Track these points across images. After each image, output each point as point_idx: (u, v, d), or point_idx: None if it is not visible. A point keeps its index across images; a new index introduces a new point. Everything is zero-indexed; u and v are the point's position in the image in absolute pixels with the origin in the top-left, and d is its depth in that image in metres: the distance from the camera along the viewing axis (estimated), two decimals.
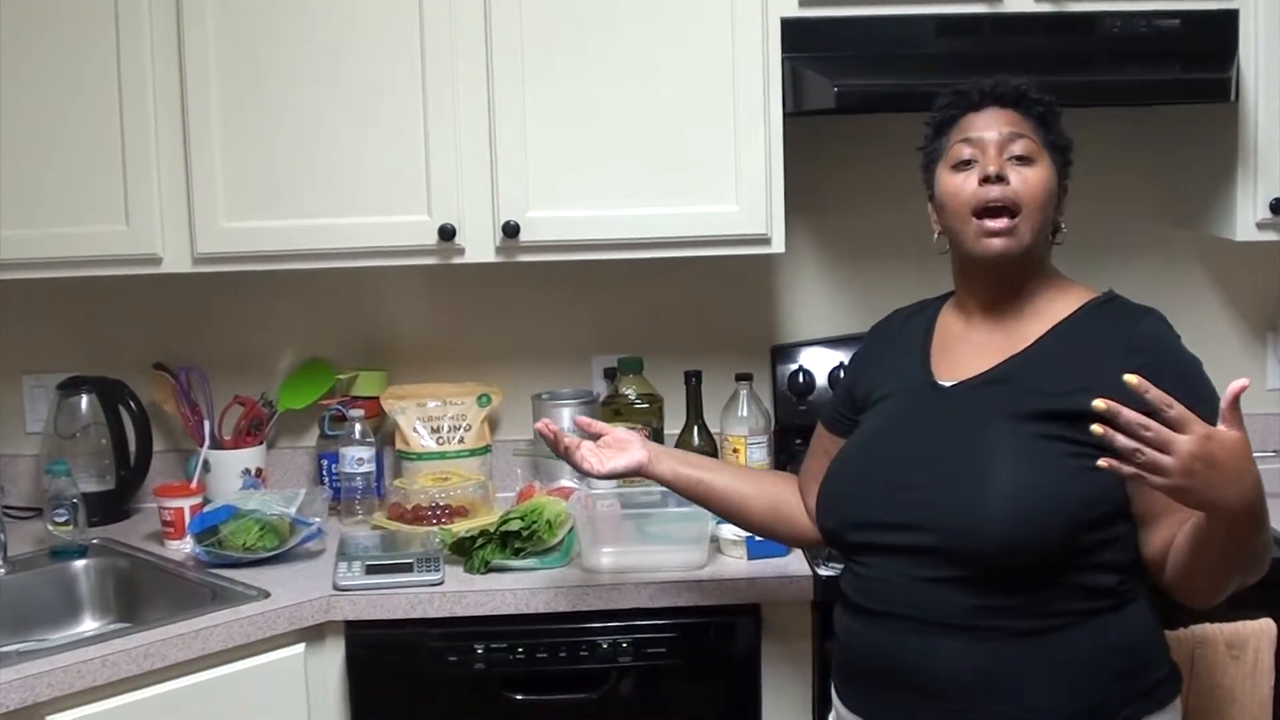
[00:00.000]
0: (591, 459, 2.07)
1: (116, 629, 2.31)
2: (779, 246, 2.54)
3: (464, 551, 2.40)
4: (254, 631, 2.21)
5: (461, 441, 2.78)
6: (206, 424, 2.74)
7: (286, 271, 2.62)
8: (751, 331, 2.90)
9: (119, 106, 2.46)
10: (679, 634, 2.31)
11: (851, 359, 2.19)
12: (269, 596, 2.28)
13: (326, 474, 2.79)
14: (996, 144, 1.84)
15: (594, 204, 2.51)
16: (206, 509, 2.51)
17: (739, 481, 2.15)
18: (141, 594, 2.47)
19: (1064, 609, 1.75)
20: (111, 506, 2.75)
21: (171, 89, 2.47)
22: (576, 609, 2.30)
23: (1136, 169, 2.89)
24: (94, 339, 2.87)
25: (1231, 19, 2.47)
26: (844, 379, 2.14)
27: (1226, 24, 2.47)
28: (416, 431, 2.77)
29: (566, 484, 2.60)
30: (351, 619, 2.30)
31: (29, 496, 2.84)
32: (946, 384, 1.89)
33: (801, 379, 2.83)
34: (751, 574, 2.34)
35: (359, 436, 2.68)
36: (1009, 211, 1.82)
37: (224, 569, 2.41)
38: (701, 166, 2.51)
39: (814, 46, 2.46)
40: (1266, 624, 2.15)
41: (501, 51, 2.47)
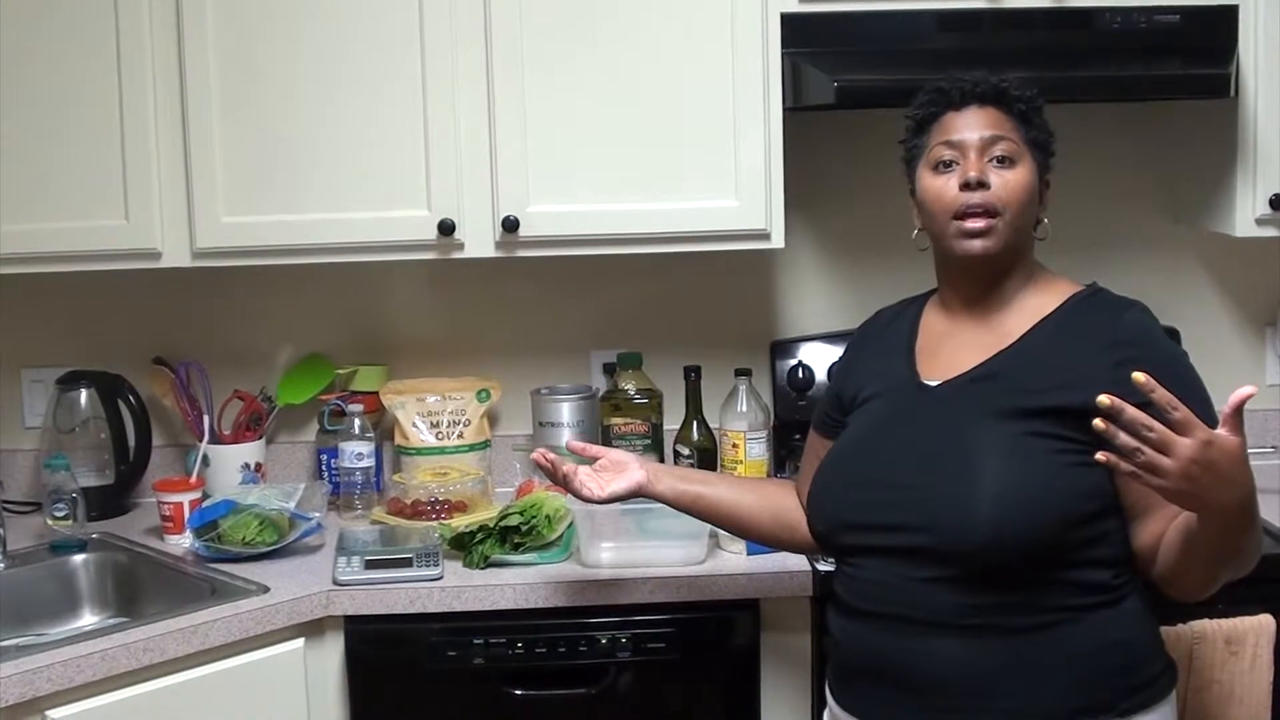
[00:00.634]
0: (590, 484, 2.05)
1: (116, 624, 2.30)
2: (778, 242, 2.54)
3: (463, 546, 2.40)
4: (253, 626, 2.21)
5: (461, 436, 2.78)
6: (206, 419, 2.74)
7: (286, 266, 2.62)
8: (751, 326, 2.90)
9: (119, 101, 2.46)
10: (678, 629, 2.31)
11: (838, 361, 2.17)
12: (268, 591, 2.28)
13: (326, 469, 2.79)
14: (977, 147, 1.83)
15: (594, 199, 2.51)
16: (206, 504, 2.51)
17: (740, 493, 2.12)
18: (141, 589, 2.47)
19: (1057, 606, 1.74)
20: (111, 501, 2.75)
21: (171, 84, 2.46)
22: (575, 604, 2.30)
23: (1136, 165, 2.89)
24: (93, 333, 2.87)
25: (1231, 14, 2.47)
26: (832, 381, 2.12)
27: (1226, 19, 2.47)
28: (416, 426, 2.77)
29: None
30: (351, 614, 2.30)
31: (28, 491, 2.84)
32: (932, 383, 1.88)
33: (801, 374, 2.83)
34: (750, 569, 2.34)
35: (358, 431, 2.68)
36: (989, 212, 1.81)
37: (223, 564, 2.41)
38: (701, 162, 2.50)
39: (814, 41, 2.46)
40: (1265, 620, 2.14)
41: (501, 47, 2.46)
